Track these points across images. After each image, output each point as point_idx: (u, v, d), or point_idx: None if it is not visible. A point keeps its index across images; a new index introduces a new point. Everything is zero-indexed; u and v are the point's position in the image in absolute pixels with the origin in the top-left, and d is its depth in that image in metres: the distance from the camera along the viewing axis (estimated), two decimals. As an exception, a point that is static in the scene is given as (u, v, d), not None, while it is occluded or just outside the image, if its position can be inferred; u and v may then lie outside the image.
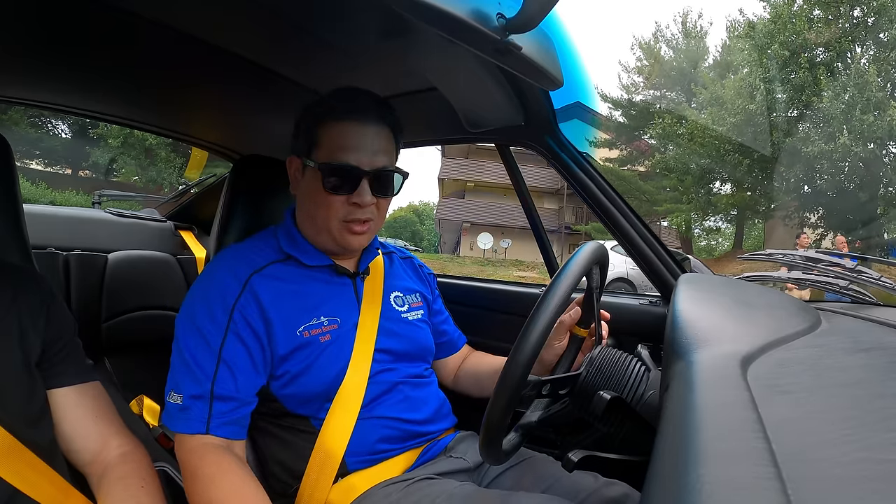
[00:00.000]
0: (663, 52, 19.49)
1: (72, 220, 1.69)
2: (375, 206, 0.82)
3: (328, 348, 0.78)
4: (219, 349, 0.72)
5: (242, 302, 0.75)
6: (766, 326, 0.58)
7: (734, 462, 0.28)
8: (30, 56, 0.95)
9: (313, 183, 0.79)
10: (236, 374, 0.72)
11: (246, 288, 0.76)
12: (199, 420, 0.70)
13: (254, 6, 0.78)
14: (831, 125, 12.26)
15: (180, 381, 0.72)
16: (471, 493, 0.72)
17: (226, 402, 0.71)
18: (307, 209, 0.84)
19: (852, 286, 0.94)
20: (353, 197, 0.78)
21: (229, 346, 0.73)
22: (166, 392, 0.73)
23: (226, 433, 0.71)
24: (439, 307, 1.04)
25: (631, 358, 0.67)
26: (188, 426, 0.70)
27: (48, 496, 0.60)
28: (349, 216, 0.80)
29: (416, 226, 39.06)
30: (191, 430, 0.70)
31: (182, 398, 0.71)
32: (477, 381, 0.98)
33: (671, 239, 18.61)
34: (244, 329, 0.74)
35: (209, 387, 0.71)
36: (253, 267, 0.79)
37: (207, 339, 0.73)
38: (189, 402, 0.70)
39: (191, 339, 0.73)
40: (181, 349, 0.73)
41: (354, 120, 0.78)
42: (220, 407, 0.71)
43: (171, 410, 0.71)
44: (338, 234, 0.81)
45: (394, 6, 0.52)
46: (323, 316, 0.80)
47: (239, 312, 0.74)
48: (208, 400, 0.70)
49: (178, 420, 0.70)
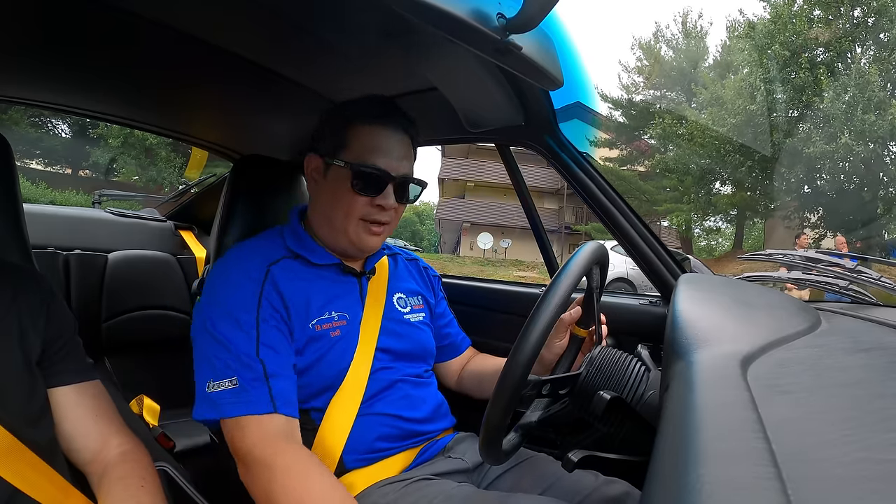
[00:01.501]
0: (663, 52, 19.50)
1: (72, 219, 1.70)
2: (394, 210, 0.84)
3: (337, 343, 0.79)
4: (256, 334, 0.72)
5: (267, 289, 0.76)
6: (766, 326, 0.58)
7: (734, 462, 0.28)
8: (30, 56, 0.95)
9: (338, 182, 0.81)
10: (279, 352, 0.73)
11: (267, 277, 0.77)
12: (263, 401, 0.68)
13: (254, 6, 0.79)
14: (832, 125, 12.26)
15: (224, 368, 0.69)
16: (469, 495, 0.72)
17: (279, 380, 0.71)
18: (325, 208, 0.85)
19: (852, 286, 0.94)
20: (377, 199, 0.80)
21: (265, 330, 0.73)
22: (201, 383, 0.71)
23: (290, 411, 0.70)
24: (443, 310, 1.04)
25: (631, 358, 0.67)
26: (252, 407, 0.67)
27: (48, 495, 0.60)
28: (369, 216, 0.81)
29: (416, 226, 39.06)
30: (258, 411, 0.67)
31: (237, 380, 0.68)
32: (479, 382, 0.99)
33: (671, 239, 18.60)
34: (273, 315, 0.75)
35: (261, 368, 0.70)
36: (269, 259, 0.80)
37: (242, 325, 0.72)
38: (247, 385, 0.68)
39: (226, 327, 0.72)
40: (217, 337, 0.72)
41: (383, 125, 0.81)
42: (277, 385, 0.70)
43: (222, 397, 0.68)
44: (354, 235, 0.82)
45: (394, 6, 0.52)
46: (334, 311, 0.81)
47: (266, 300, 0.75)
48: (264, 380, 0.69)
49: (236, 404, 0.67)
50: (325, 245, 0.86)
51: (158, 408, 1.11)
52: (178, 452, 1.01)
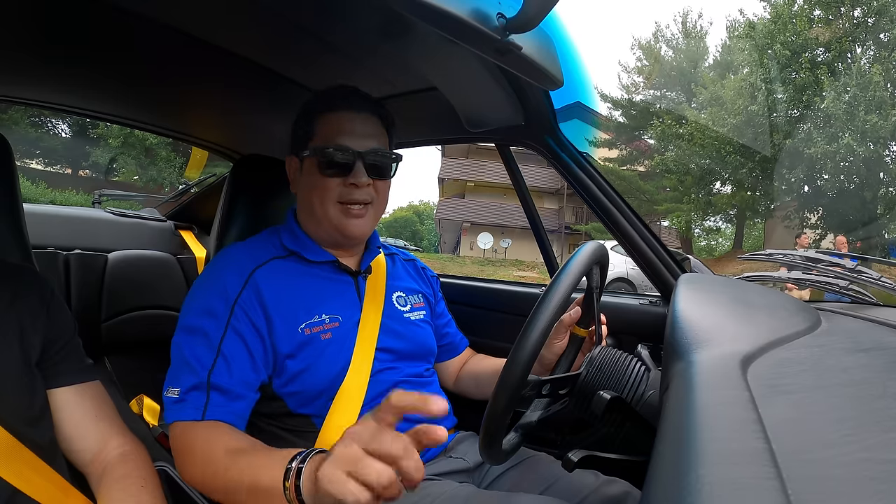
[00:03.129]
0: (663, 53, 19.50)
1: (72, 219, 1.69)
2: (374, 189, 0.83)
3: (329, 346, 0.79)
4: (218, 343, 0.72)
5: (244, 297, 0.75)
6: (766, 326, 0.58)
7: (734, 462, 0.28)
8: (30, 56, 0.95)
9: (310, 172, 0.82)
10: (233, 367, 0.72)
11: (248, 283, 0.77)
12: (195, 408, 0.69)
13: (254, 6, 0.79)
14: (833, 125, 12.26)
15: (179, 376, 0.71)
16: (470, 494, 0.72)
17: (223, 394, 0.71)
18: (306, 201, 0.85)
19: (852, 286, 0.94)
20: (349, 178, 0.80)
21: (228, 341, 0.73)
22: (164, 389, 0.72)
23: (221, 419, 0.70)
24: (442, 310, 1.04)
25: (631, 358, 0.67)
26: (183, 413, 0.69)
27: (48, 496, 0.60)
28: (345, 197, 0.81)
29: (416, 226, 39.05)
30: (186, 417, 0.69)
31: (179, 391, 0.70)
32: (477, 383, 0.98)
33: (671, 239, 18.59)
34: (245, 324, 0.74)
35: (206, 377, 0.70)
36: (255, 262, 0.80)
37: (208, 333, 0.73)
38: (185, 395, 0.70)
39: (191, 335, 0.73)
40: (181, 345, 0.73)
41: (347, 109, 0.82)
42: (217, 398, 0.70)
43: (167, 404, 0.71)
44: (336, 220, 0.82)
45: (394, 6, 0.52)
46: (324, 314, 0.80)
47: (240, 308, 0.75)
48: (205, 390, 0.70)
49: (173, 411, 0.70)
50: (318, 241, 0.86)
51: (158, 408, 1.11)
52: (178, 452, 1.00)
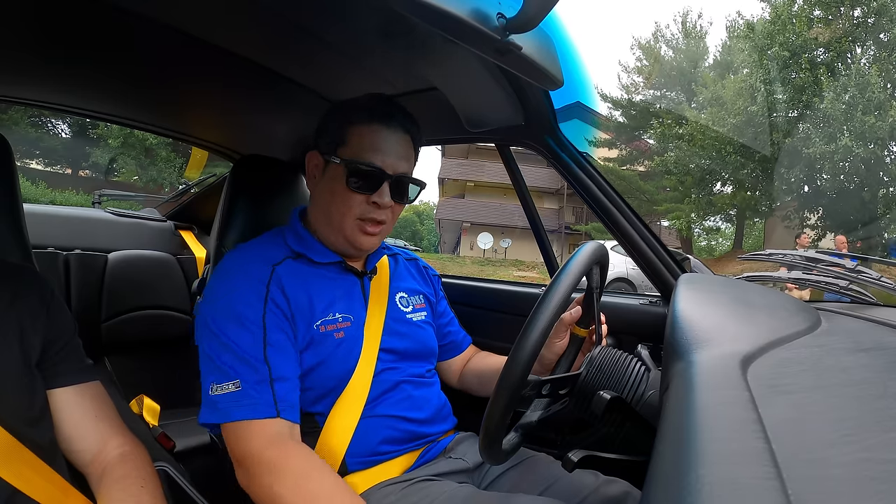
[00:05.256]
0: (663, 52, 19.50)
1: (72, 219, 1.69)
2: (391, 210, 0.84)
3: (341, 345, 0.79)
4: (262, 334, 0.71)
5: (272, 290, 0.76)
6: (766, 326, 0.58)
7: (734, 462, 0.28)
8: (30, 56, 0.95)
9: (335, 180, 0.81)
10: (285, 354, 0.72)
11: (272, 278, 0.77)
12: (267, 404, 0.67)
13: (255, 6, 0.79)
14: (832, 126, 12.26)
15: (228, 370, 0.69)
16: (470, 495, 0.72)
17: (284, 383, 0.70)
18: (323, 206, 0.84)
19: (852, 286, 0.94)
20: (373, 197, 0.80)
21: (271, 331, 0.72)
22: (206, 386, 0.70)
23: (292, 416, 0.70)
24: (444, 309, 1.05)
25: (631, 358, 0.67)
26: (256, 411, 0.67)
27: (48, 496, 0.60)
28: (365, 215, 0.81)
29: (416, 226, 39.04)
30: (261, 415, 0.67)
31: (239, 383, 0.68)
32: (480, 380, 0.99)
33: (671, 239, 18.59)
34: (279, 315, 0.74)
35: (266, 370, 0.69)
36: (272, 261, 0.80)
37: (248, 325, 0.72)
38: (250, 389, 0.67)
39: (230, 328, 0.71)
40: (221, 339, 0.71)
41: (384, 125, 0.81)
42: (281, 389, 0.69)
43: (225, 400, 0.67)
44: (350, 233, 0.82)
45: (394, 6, 0.52)
46: (338, 312, 0.81)
47: (272, 300, 0.75)
48: (268, 382, 0.69)
49: (239, 408, 0.67)
50: (326, 243, 0.86)
51: (158, 408, 1.11)
52: (178, 452, 1.00)
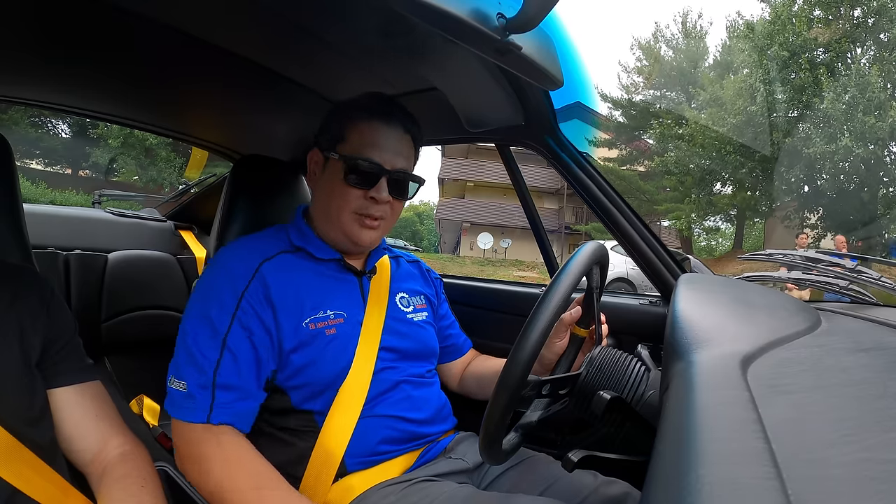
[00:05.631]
0: (663, 53, 19.50)
1: (72, 219, 1.69)
2: (390, 206, 0.84)
3: (333, 342, 0.79)
4: (223, 337, 0.72)
5: (251, 289, 0.76)
6: (766, 326, 0.58)
7: (734, 462, 0.28)
8: (30, 56, 0.95)
9: (334, 175, 0.82)
10: (240, 362, 0.72)
11: (255, 276, 0.77)
12: (201, 409, 0.69)
13: (255, 6, 0.79)
14: (832, 126, 12.26)
15: (183, 368, 0.72)
16: (470, 495, 0.72)
17: (229, 392, 0.71)
18: (322, 201, 0.86)
19: (852, 286, 0.94)
20: (370, 192, 0.81)
21: (234, 335, 0.73)
22: (168, 376, 0.73)
23: (227, 421, 0.71)
24: (445, 311, 1.05)
25: (631, 358, 0.67)
26: (190, 415, 0.69)
27: (48, 496, 0.60)
28: (362, 210, 0.82)
29: (416, 226, 39.03)
30: (192, 419, 0.69)
31: (186, 385, 0.70)
32: (479, 383, 0.99)
33: (671, 239, 18.59)
34: (251, 318, 0.74)
35: (212, 375, 0.71)
36: (263, 255, 0.80)
37: (214, 326, 0.73)
38: (193, 391, 0.70)
39: (197, 327, 0.73)
40: (186, 336, 0.73)
41: (383, 122, 0.82)
42: (223, 396, 0.71)
43: (174, 396, 0.71)
44: (348, 227, 0.83)
45: (394, 6, 0.52)
46: (329, 309, 0.81)
47: (247, 301, 0.75)
48: (211, 389, 0.70)
49: (181, 408, 0.70)
50: (326, 240, 0.87)
51: (158, 408, 1.11)
52: (177, 452, 1.00)
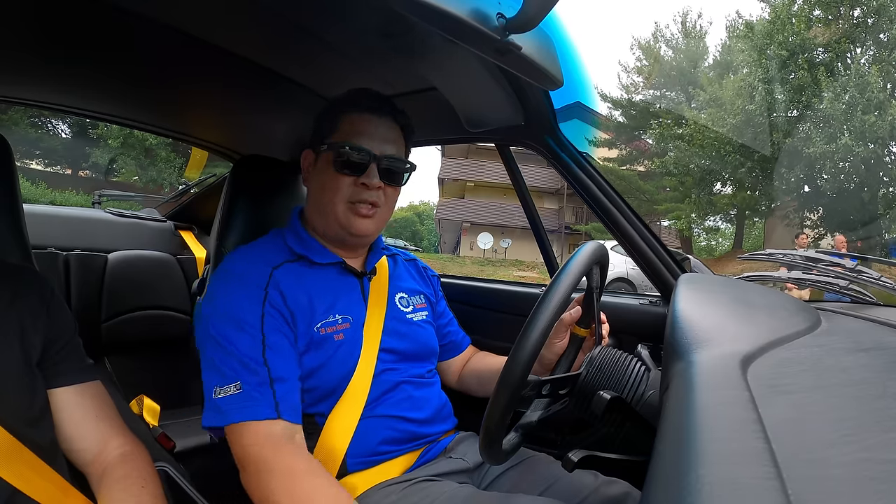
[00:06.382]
0: (663, 52, 19.50)
1: (72, 220, 1.70)
2: (383, 192, 0.85)
3: (342, 346, 0.79)
4: (261, 336, 0.72)
5: (271, 293, 0.76)
6: (766, 326, 0.58)
7: (734, 462, 0.28)
8: (30, 56, 0.95)
9: (324, 167, 0.83)
10: (285, 356, 0.73)
11: (271, 281, 0.78)
12: (267, 405, 0.68)
13: (255, 6, 0.79)
14: (832, 126, 12.26)
15: (230, 373, 0.69)
16: (470, 495, 0.72)
17: (284, 384, 0.71)
18: (316, 195, 0.86)
19: (852, 286, 0.94)
20: (361, 178, 0.82)
21: (270, 334, 0.73)
22: (209, 389, 0.70)
23: (293, 417, 0.70)
24: (443, 309, 1.05)
25: (631, 358, 0.67)
26: (256, 412, 0.67)
27: (48, 496, 0.60)
28: (355, 197, 0.82)
29: (416, 226, 39.03)
30: (261, 416, 0.67)
31: (240, 385, 0.68)
32: (479, 380, 0.99)
33: (671, 239, 18.59)
34: (277, 318, 0.75)
35: (266, 372, 0.70)
36: (271, 263, 0.81)
37: (246, 328, 0.72)
38: (250, 389, 0.68)
39: (230, 333, 0.72)
40: (219, 344, 0.72)
41: (373, 113, 0.84)
42: (282, 389, 0.70)
43: (227, 402, 0.68)
44: (343, 218, 0.83)
45: (394, 6, 0.52)
46: (338, 314, 0.81)
47: (269, 304, 0.75)
48: (269, 384, 0.69)
49: (240, 410, 0.67)
50: (324, 241, 0.87)
51: (158, 408, 1.11)
52: (178, 452, 1.01)
